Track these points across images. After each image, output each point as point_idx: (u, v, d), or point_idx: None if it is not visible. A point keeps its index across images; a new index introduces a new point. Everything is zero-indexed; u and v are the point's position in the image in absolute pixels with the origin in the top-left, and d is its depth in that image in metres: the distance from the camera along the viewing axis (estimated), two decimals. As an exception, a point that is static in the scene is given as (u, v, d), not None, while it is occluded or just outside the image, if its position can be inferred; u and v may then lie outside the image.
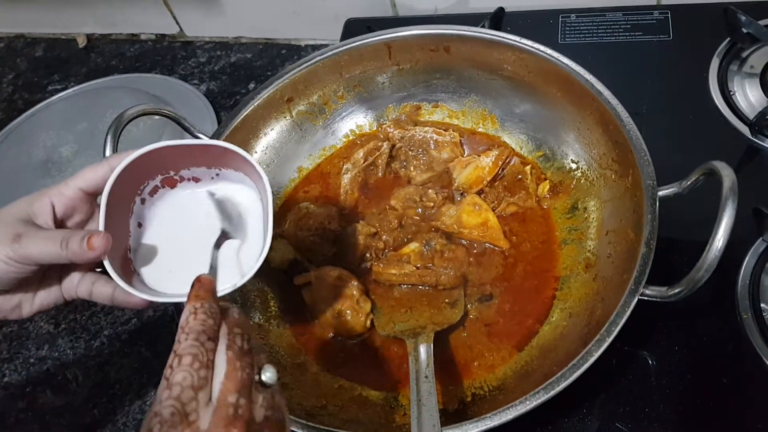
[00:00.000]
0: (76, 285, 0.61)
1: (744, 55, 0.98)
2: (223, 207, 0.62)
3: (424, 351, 0.71)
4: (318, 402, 0.74)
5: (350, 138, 0.99)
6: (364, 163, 0.92)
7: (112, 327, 0.94)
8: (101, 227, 0.56)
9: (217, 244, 0.60)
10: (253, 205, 0.63)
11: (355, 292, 0.81)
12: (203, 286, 0.51)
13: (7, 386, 0.91)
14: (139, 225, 0.61)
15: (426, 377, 0.67)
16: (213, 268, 0.57)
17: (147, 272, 0.60)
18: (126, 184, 0.58)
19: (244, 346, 0.48)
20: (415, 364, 0.70)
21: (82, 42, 1.40)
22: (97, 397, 0.87)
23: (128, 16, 1.35)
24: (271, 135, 0.93)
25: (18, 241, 0.55)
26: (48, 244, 0.55)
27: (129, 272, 0.59)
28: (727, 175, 0.61)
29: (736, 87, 0.95)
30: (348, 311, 0.79)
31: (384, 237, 0.87)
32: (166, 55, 1.33)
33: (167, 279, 0.60)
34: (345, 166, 0.94)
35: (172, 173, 0.61)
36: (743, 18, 0.96)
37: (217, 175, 0.62)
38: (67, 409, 0.87)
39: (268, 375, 0.48)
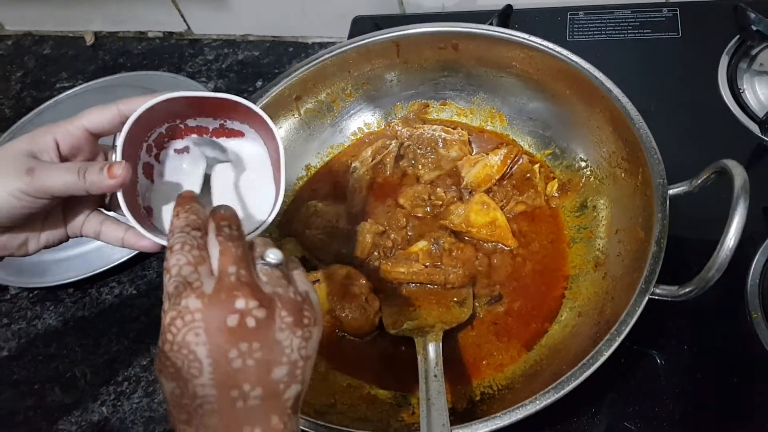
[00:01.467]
0: (82, 224, 0.62)
1: (753, 52, 0.97)
2: (223, 150, 0.63)
3: (432, 350, 0.71)
4: (327, 400, 0.74)
5: (358, 136, 0.99)
6: (372, 161, 0.92)
7: (121, 324, 0.94)
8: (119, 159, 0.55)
9: (208, 167, 0.61)
10: (261, 158, 0.63)
11: (363, 291, 0.80)
12: (184, 196, 0.53)
13: (16, 384, 0.91)
14: (144, 172, 0.61)
15: (435, 376, 0.67)
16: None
17: (155, 217, 0.61)
18: (135, 129, 0.57)
19: (233, 232, 0.49)
20: (423, 363, 0.70)
21: (89, 40, 1.40)
22: (106, 394, 0.88)
23: (136, 13, 1.35)
24: (279, 133, 0.91)
25: (32, 174, 0.54)
26: (65, 175, 0.55)
27: (139, 217, 0.58)
28: (739, 174, 0.60)
29: (745, 85, 0.94)
30: (356, 309, 0.79)
31: (392, 235, 0.86)
32: (173, 52, 1.33)
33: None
34: (353, 165, 0.93)
35: (178, 122, 0.60)
36: (753, 15, 0.95)
37: (223, 125, 0.62)
38: (75, 407, 0.87)
39: (271, 256, 0.49)
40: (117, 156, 0.55)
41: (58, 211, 0.61)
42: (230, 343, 0.44)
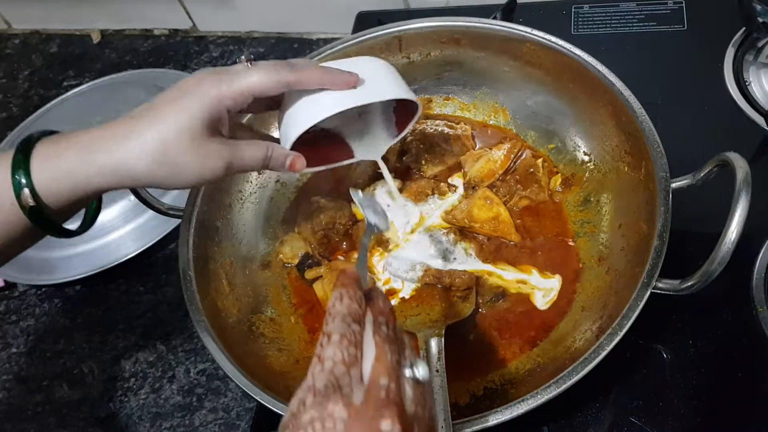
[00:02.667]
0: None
1: (760, 45, 0.96)
2: None
3: (435, 345, 0.71)
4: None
5: (361, 132, 0.98)
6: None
7: (127, 321, 0.95)
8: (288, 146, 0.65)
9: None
10: None
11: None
12: (348, 275, 0.51)
13: (24, 380, 0.92)
14: None
15: (437, 371, 0.67)
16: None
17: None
18: None
19: (389, 333, 0.48)
20: (425, 358, 0.70)
21: (96, 38, 1.41)
22: (113, 390, 0.88)
23: (141, 11, 1.36)
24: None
25: (230, 167, 0.60)
26: (253, 161, 0.63)
27: None
28: (741, 167, 0.60)
29: (751, 77, 0.94)
30: (359, 305, 0.79)
31: (396, 231, 0.86)
32: (179, 50, 1.33)
33: None
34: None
35: None
36: (759, 7, 0.94)
37: None
38: (83, 403, 0.88)
39: (420, 371, 0.46)
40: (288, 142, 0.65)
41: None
42: None
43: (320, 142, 0.74)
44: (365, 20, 1.14)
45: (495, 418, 0.60)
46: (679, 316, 0.76)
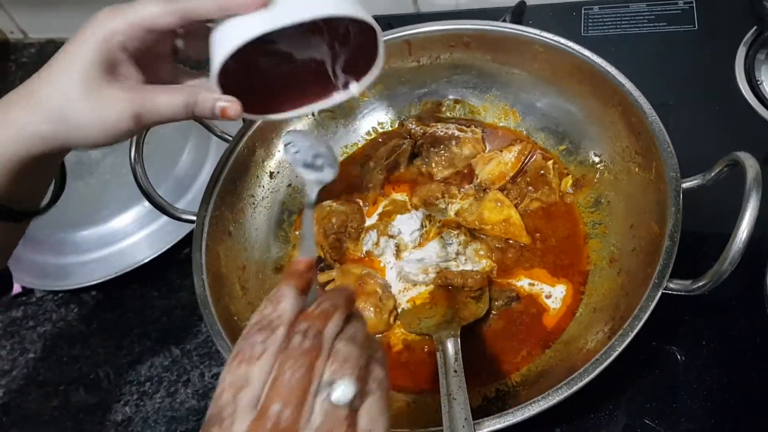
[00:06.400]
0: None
1: (772, 43, 0.96)
2: None
3: (451, 346, 0.71)
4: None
5: (372, 136, 0.99)
6: (386, 160, 0.93)
7: (142, 326, 0.95)
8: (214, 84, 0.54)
9: None
10: None
11: (378, 290, 0.81)
12: (289, 272, 0.45)
13: (41, 384, 0.93)
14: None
15: (455, 371, 0.68)
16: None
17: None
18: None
19: (303, 343, 0.40)
20: (443, 359, 0.70)
21: (110, 46, 1.42)
22: (129, 394, 0.89)
23: (154, 19, 1.37)
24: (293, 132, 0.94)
25: (139, 119, 0.53)
26: (173, 109, 0.54)
27: None
28: (751, 166, 0.60)
29: (763, 76, 0.93)
30: (371, 308, 0.80)
31: (406, 234, 0.87)
32: (190, 56, 1.34)
33: None
34: (367, 164, 0.94)
35: None
36: (770, 5, 0.94)
37: None
38: (99, 407, 0.89)
39: (337, 392, 0.38)
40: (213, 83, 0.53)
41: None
42: None
43: (289, 78, 0.61)
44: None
45: (507, 420, 0.60)
46: (692, 317, 0.76)
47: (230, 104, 0.55)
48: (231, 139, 0.87)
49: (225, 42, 0.52)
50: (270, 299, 0.43)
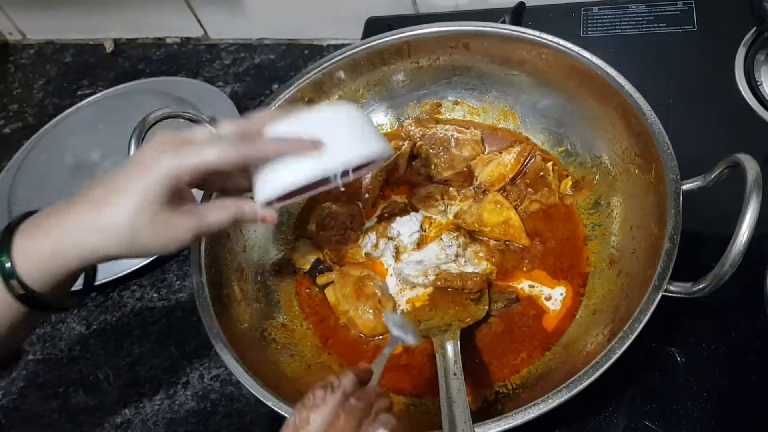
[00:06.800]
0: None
1: (771, 44, 0.96)
2: None
3: (451, 348, 0.71)
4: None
5: (371, 138, 0.99)
6: (385, 162, 0.92)
7: (142, 327, 0.95)
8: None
9: None
10: None
11: (377, 292, 0.81)
12: (362, 364, 0.63)
13: (41, 386, 0.93)
14: None
15: (455, 374, 0.67)
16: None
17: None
18: None
19: (358, 405, 0.54)
20: (442, 362, 0.70)
21: (109, 47, 1.42)
22: (128, 396, 0.89)
23: (153, 20, 1.37)
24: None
25: (198, 233, 0.60)
26: (222, 220, 0.61)
27: None
28: (752, 168, 0.60)
29: (763, 77, 0.93)
30: (371, 310, 0.80)
31: (406, 236, 0.87)
32: (191, 58, 1.34)
33: None
34: (367, 166, 0.94)
35: None
36: (770, 6, 0.94)
37: None
38: (99, 409, 0.89)
39: None
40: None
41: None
42: None
43: None
44: (375, 26, 1.14)
45: (507, 423, 0.60)
46: (692, 319, 0.76)
47: (269, 215, 0.63)
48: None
49: (274, 183, 0.61)
50: (336, 374, 0.57)
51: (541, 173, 0.87)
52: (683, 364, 0.74)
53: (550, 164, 0.88)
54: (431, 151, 0.92)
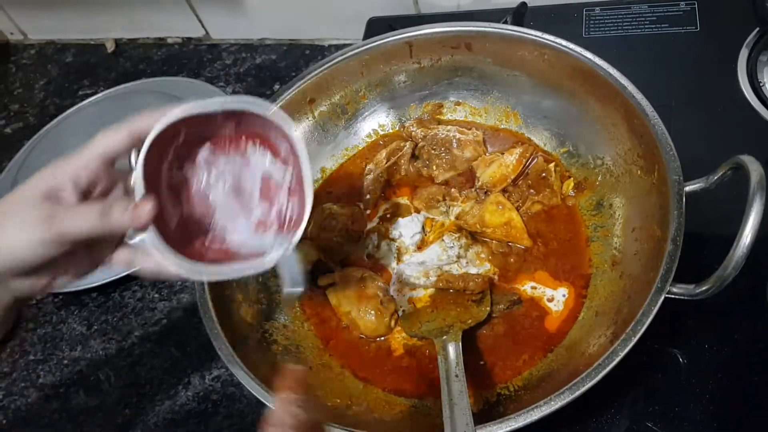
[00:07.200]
0: (111, 255, 0.60)
1: (774, 45, 0.95)
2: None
3: (452, 350, 0.71)
4: (343, 402, 0.74)
5: (373, 138, 0.99)
6: (386, 163, 0.92)
7: (143, 328, 0.95)
8: (139, 192, 0.55)
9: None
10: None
11: (379, 293, 0.81)
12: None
13: (41, 387, 0.93)
14: (170, 189, 0.59)
15: (456, 376, 0.67)
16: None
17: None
18: (152, 152, 0.57)
19: None
20: (444, 364, 0.70)
21: (110, 47, 1.42)
22: (129, 397, 0.89)
23: (155, 20, 1.37)
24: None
25: (51, 222, 0.53)
26: (86, 219, 0.54)
27: (171, 239, 0.57)
28: (755, 170, 0.59)
29: (765, 78, 0.93)
30: (372, 311, 0.79)
31: (408, 237, 0.86)
32: (192, 58, 1.34)
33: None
34: (368, 167, 0.94)
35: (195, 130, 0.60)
36: (773, 7, 0.93)
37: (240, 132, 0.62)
38: (99, 409, 0.89)
39: None
40: (137, 187, 0.55)
41: (83, 247, 0.58)
42: None
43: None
44: (376, 26, 1.14)
45: (509, 425, 0.60)
46: (695, 321, 0.76)
47: (143, 202, 0.55)
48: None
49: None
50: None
51: (543, 174, 0.87)
52: (686, 366, 0.74)
53: (552, 165, 0.87)
54: (433, 152, 0.92)
